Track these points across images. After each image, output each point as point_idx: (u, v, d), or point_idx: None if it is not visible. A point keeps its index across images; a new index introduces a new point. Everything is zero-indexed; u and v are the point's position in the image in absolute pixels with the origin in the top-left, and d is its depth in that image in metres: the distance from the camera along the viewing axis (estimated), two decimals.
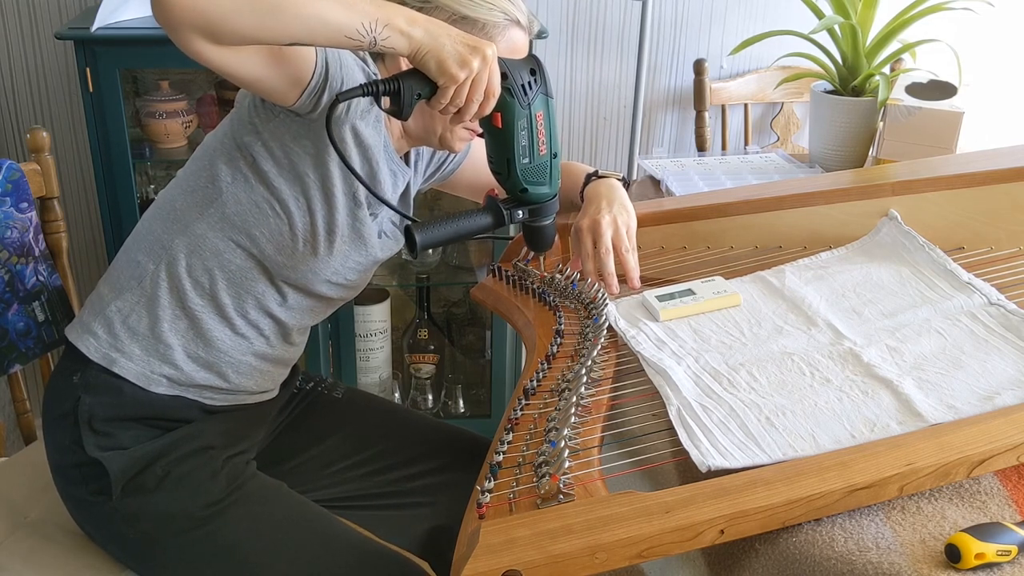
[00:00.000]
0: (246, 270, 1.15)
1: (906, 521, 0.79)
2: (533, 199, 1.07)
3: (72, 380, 1.16)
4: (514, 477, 0.86)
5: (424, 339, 2.29)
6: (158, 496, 1.14)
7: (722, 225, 1.31)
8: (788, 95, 2.26)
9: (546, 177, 1.07)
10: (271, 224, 1.12)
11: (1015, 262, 1.18)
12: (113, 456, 1.13)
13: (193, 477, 1.15)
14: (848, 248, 1.26)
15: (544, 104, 1.04)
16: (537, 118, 1.04)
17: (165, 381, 1.16)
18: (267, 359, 1.23)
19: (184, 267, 1.14)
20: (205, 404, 1.20)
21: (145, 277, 1.16)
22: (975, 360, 0.97)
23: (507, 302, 1.24)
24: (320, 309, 1.24)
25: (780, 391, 0.95)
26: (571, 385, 0.97)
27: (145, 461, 1.14)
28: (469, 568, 0.74)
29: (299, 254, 1.14)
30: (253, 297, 1.17)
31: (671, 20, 2.25)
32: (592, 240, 1.20)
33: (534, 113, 1.04)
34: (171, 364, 1.16)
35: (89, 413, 1.14)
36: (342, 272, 1.18)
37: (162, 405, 1.17)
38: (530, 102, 1.03)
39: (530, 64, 1.04)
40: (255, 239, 1.13)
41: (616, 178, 1.29)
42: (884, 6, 1.80)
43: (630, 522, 0.76)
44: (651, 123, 2.34)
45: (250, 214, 1.12)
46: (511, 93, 1.02)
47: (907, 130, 1.73)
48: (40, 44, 2.08)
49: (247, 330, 1.18)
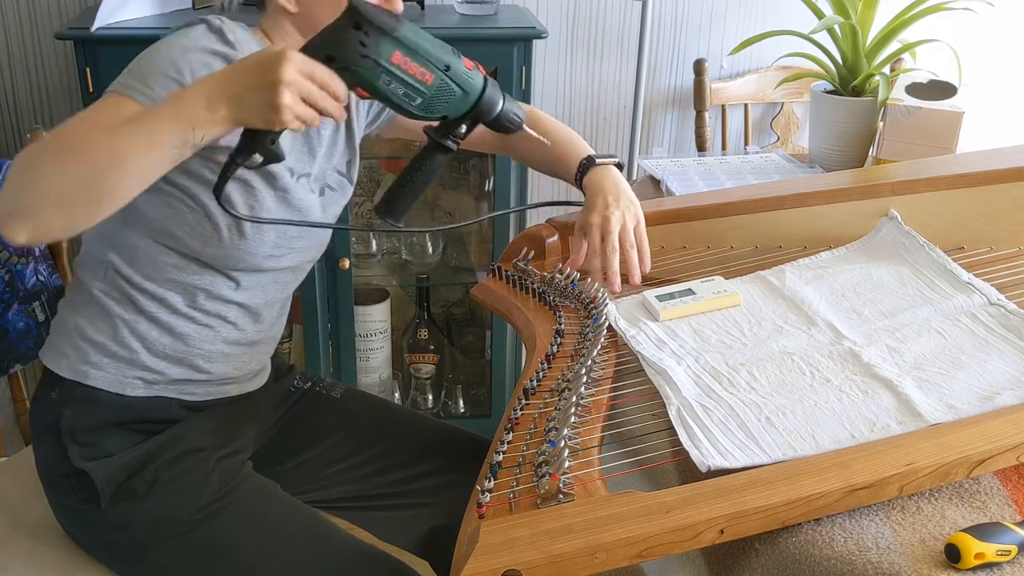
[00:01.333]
0: (184, 267, 1.14)
1: (906, 521, 0.79)
2: (460, 113, 1.01)
3: (52, 396, 1.17)
4: (514, 477, 0.86)
5: (424, 339, 2.29)
6: (148, 502, 1.13)
7: (722, 225, 1.31)
8: (788, 95, 2.26)
9: (453, 92, 0.99)
10: (189, 220, 1.10)
11: (1015, 262, 1.18)
12: (98, 465, 1.13)
13: (183, 481, 1.15)
14: (848, 248, 1.26)
15: (393, 44, 0.94)
16: (396, 63, 0.94)
17: (140, 383, 1.16)
18: (240, 343, 1.22)
19: (124, 278, 1.14)
20: (186, 400, 1.19)
21: (94, 293, 1.15)
22: (975, 360, 0.97)
23: (507, 302, 1.24)
24: (284, 279, 1.23)
25: (780, 391, 0.95)
26: (571, 385, 0.97)
27: (133, 467, 1.14)
28: (469, 568, 0.74)
29: (227, 241, 1.12)
30: (202, 290, 1.15)
31: (671, 20, 2.25)
32: (600, 236, 1.19)
33: (389, 63, 0.94)
34: (141, 366, 1.16)
35: (71, 425, 1.15)
36: (284, 243, 1.16)
37: (142, 408, 1.17)
38: (375, 59, 0.93)
39: (350, 20, 0.93)
40: (179, 238, 1.12)
41: (614, 163, 1.28)
42: (884, 6, 1.80)
43: (630, 522, 0.76)
44: (651, 123, 2.34)
45: (166, 215, 1.11)
46: (348, 68, 0.93)
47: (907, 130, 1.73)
48: (40, 44, 2.08)
49: (209, 320, 1.17)
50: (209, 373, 1.20)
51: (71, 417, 1.15)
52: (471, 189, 2.25)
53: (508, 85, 1.89)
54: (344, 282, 2.02)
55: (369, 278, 2.21)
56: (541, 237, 1.32)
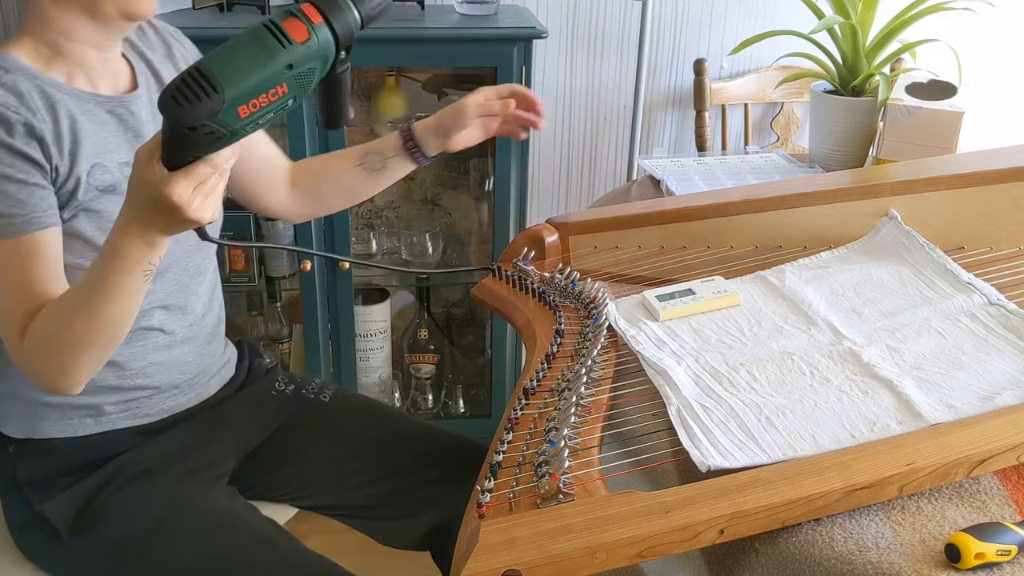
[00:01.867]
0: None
1: (906, 521, 0.79)
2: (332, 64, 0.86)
3: (8, 451, 1.18)
4: (514, 477, 0.86)
5: (424, 339, 2.29)
6: (100, 530, 1.13)
7: (722, 225, 1.31)
8: (788, 95, 2.27)
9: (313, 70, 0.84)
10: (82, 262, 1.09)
11: (1015, 262, 1.18)
12: (52, 504, 1.14)
13: (132, 505, 1.14)
14: (848, 248, 1.26)
15: (231, 107, 0.80)
16: (249, 113, 0.82)
17: (89, 421, 1.16)
18: (174, 346, 1.20)
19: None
20: (144, 424, 1.19)
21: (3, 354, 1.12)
22: (975, 360, 0.98)
23: (507, 302, 1.24)
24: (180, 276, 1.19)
25: (780, 391, 0.95)
26: (571, 385, 0.97)
27: (84, 499, 1.14)
28: (469, 568, 0.74)
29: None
30: None
31: (671, 20, 2.25)
32: (488, 90, 1.26)
33: (243, 120, 0.82)
34: (84, 406, 1.16)
35: (27, 476, 1.16)
36: None
37: (97, 444, 1.17)
38: (231, 128, 0.82)
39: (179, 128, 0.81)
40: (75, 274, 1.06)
41: None
42: (884, 6, 1.80)
43: (630, 522, 0.76)
44: (651, 123, 2.34)
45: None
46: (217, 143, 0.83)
47: (907, 130, 1.73)
48: None
49: (134, 337, 1.15)
50: (154, 388, 1.19)
51: (27, 469, 1.16)
52: (471, 189, 2.25)
53: None
54: (344, 282, 2.02)
55: (369, 278, 2.21)
56: (541, 237, 1.32)
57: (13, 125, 1.00)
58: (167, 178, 0.85)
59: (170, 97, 0.80)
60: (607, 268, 1.28)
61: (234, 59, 0.81)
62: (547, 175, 2.33)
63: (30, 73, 1.05)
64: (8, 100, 1.01)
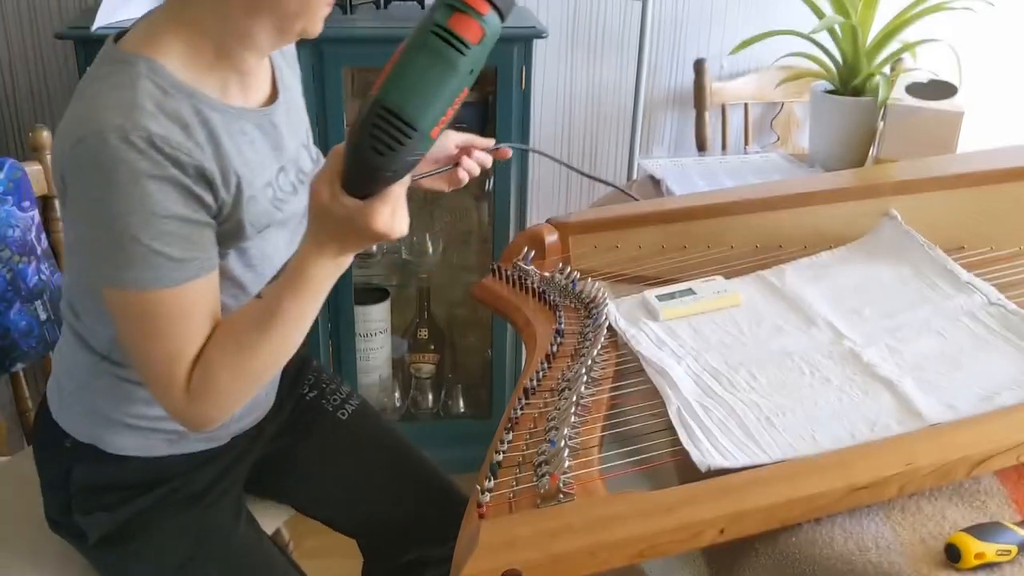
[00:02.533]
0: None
1: (906, 521, 0.79)
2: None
3: (65, 445, 1.14)
4: (514, 477, 0.86)
5: (424, 339, 2.29)
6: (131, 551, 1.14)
7: (722, 225, 1.31)
8: (788, 95, 2.26)
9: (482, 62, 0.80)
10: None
11: (1015, 262, 1.18)
12: (92, 519, 1.13)
13: (164, 535, 1.14)
14: (848, 248, 1.26)
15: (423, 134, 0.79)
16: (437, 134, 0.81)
17: (164, 443, 1.14)
18: None
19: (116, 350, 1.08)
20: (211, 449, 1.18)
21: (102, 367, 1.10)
22: (975, 360, 0.98)
23: (507, 302, 1.24)
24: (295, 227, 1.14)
25: (780, 391, 0.95)
26: (571, 384, 0.97)
27: (120, 523, 1.13)
28: (469, 568, 0.74)
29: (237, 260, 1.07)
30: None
31: (671, 20, 2.25)
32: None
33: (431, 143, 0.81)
34: (169, 431, 1.13)
35: (79, 482, 1.14)
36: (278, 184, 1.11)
37: (160, 467, 1.15)
38: (422, 153, 0.81)
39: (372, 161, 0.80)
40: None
41: None
42: (884, 6, 1.80)
43: (630, 522, 0.76)
44: (651, 123, 2.34)
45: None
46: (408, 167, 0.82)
47: (907, 130, 1.73)
48: (40, 44, 2.08)
49: None
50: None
51: (81, 473, 1.14)
52: (471, 189, 2.24)
53: (508, 85, 1.89)
54: (344, 282, 2.02)
55: (369, 278, 2.21)
56: (541, 237, 1.32)
57: (186, 167, 0.93)
58: (367, 210, 0.85)
59: (370, 149, 0.77)
60: (607, 268, 1.28)
61: (418, 84, 0.74)
62: (547, 175, 2.33)
63: (187, 91, 0.96)
64: (174, 137, 0.92)
